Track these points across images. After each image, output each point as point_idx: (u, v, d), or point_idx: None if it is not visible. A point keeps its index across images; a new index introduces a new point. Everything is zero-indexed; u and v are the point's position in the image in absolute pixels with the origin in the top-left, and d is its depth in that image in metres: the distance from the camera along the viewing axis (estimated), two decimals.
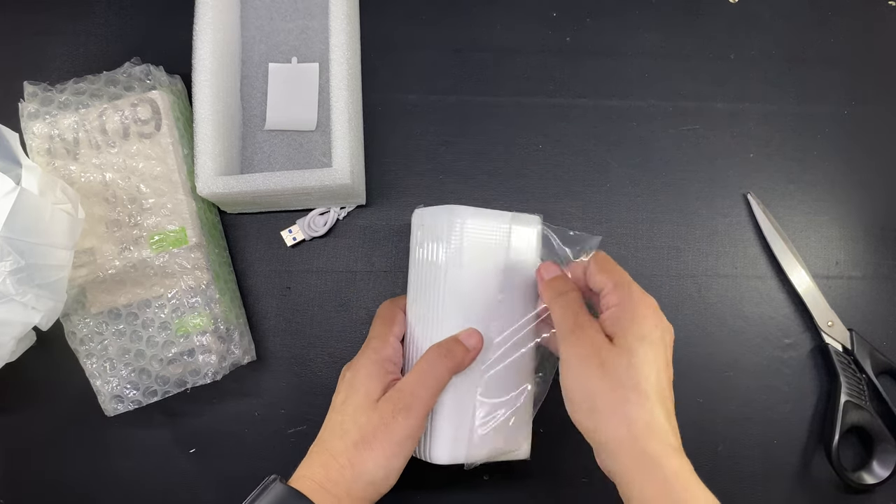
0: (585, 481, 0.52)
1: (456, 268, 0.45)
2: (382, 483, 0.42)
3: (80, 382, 0.51)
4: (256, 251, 0.56)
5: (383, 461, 0.41)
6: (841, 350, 0.53)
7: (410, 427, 0.42)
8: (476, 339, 0.44)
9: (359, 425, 0.42)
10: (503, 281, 0.46)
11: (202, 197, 0.52)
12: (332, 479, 0.41)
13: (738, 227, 0.56)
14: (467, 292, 0.45)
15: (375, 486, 0.42)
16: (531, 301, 0.47)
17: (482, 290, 0.46)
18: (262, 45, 0.58)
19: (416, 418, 0.42)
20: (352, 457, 0.41)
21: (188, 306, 0.50)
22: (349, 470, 0.41)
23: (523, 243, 0.47)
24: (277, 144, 0.56)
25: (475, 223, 0.46)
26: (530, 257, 0.47)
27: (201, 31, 0.52)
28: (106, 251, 0.51)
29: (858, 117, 0.57)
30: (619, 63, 0.58)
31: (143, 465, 0.54)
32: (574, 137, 0.57)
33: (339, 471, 0.41)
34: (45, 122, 0.51)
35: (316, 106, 0.56)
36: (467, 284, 0.45)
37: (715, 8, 0.59)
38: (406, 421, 0.42)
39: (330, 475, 0.41)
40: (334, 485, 0.41)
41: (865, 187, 0.56)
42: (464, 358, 0.44)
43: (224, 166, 0.52)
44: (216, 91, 0.52)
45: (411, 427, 0.42)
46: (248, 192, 0.50)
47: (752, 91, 0.58)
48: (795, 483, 0.52)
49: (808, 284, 0.54)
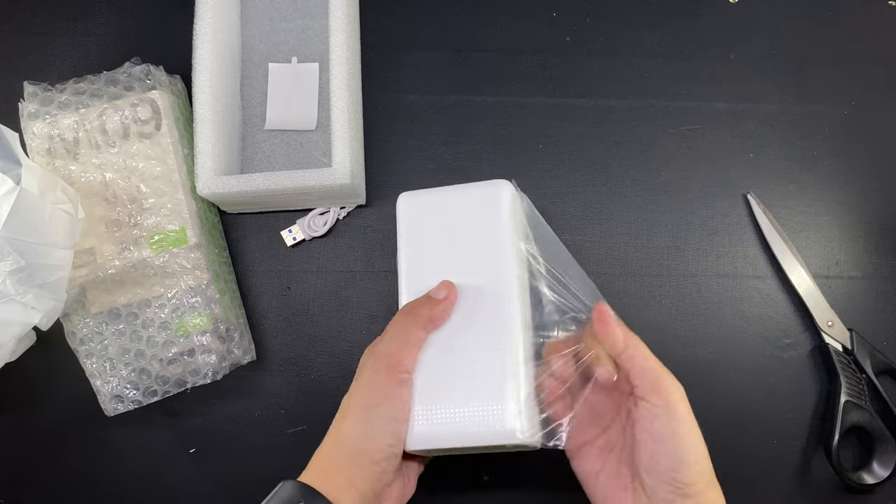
0: None
1: (409, 246, 0.47)
2: (369, 447, 0.40)
3: (80, 382, 0.51)
4: (256, 251, 0.56)
5: (360, 427, 0.41)
6: (841, 350, 0.53)
7: (374, 382, 0.42)
8: (448, 290, 0.44)
9: (342, 404, 0.43)
10: (470, 252, 0.46)
11: (202, 197, 0.52)
12: (321, 455, 0.41)
13: (738, 227, 0.56)
14: (428, 269, 0.46)
15: (364, 453, 0.40)
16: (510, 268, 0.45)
17: (444, 265, 0.46)
18: (262, 44, 0.58)
19: (380, 375, 0.42)
20: (333, 429, 0.42)
21: (188, 306, 0.50)
22: (330, 440, 0.41)
23: (490, 210, 0.46)
24: (277, 144, 0.56)
25: (425, 200, 0.47)
26: (504, 222, 0.46)
27: (201, 31, 0.52)
28: (106, 251, 0.51)
29: (858, 117, 0.57)
30: (619, 63, 0.58)
31: (142, 465, 0.54)
32: (574, 137, 0.57)
33: (326, 447, 0.41)
34: (45, 121, 0.51)
35: (316, 106, 0.56)
36: (426, 261, 0.46)
37: (715, 8, 0.59)
38: (364, 379, 0.42)
39: (320, 453, 0.41)
40: (324, 461, 0.41)
41: (866, 187, 0.56)
42: (432, 312, 0.43)
43: (224, 166, 0.52)
44: (216, 91, 0.52)
45: (375, 382, 0.42)
46: (247, 191, 0.50)
47: (752, 91, 0.57)
48: (795, 483, 0.52)
49: (808, 284, 0.54)
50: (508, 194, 0.47)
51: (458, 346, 0.44)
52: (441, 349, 0.44)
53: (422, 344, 0.43)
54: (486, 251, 0.45)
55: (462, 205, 0.47)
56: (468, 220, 0.46)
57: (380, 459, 0.40)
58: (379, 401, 0.41)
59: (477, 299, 0.44)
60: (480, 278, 0.45)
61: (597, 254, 0.55)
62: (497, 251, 0.45)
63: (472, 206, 0.47)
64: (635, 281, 0.55)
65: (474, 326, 0.44)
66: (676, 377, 0.41)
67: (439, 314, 0.44)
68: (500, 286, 0.44)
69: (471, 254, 0.46)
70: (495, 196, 0.46)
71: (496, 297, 0.44)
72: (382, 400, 0.41)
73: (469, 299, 0.45)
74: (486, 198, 0.47)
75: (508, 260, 0.45)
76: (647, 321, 0.54)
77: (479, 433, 0.42)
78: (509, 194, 0.47)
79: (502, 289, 0.44)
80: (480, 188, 0.47)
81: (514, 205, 0.47)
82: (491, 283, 0.45)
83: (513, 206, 0.47)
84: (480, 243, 0.46)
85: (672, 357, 0.42)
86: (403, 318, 0.44)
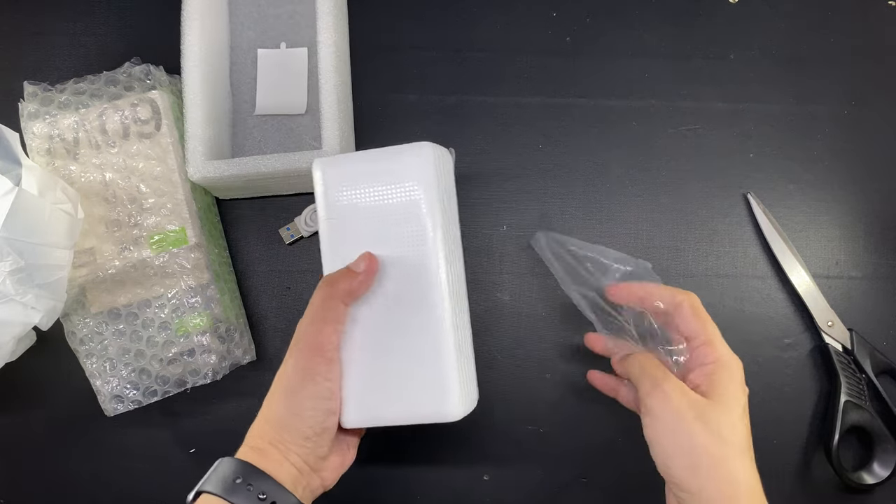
0: (584, 481, 0.52)
1: (330, 216, 0.44)
2: (297, 426, 0.40)
3: (80, 382, 0.51)
4: (256, 251, 0.56)
5: (285, 407, 0.41)
6: (841, 350, 0.52)
7: (297, 361, 0.41)
8: (367, 261, 0.42)
9: (274, 382, 0.42)
10: (395, 221, 0.43)
11: (194, 182, 0.52)
12: (254, 433, 0.41)
13: (738, 227, 0.56)
14: (350, 240, 0.44)
15: (293, 431, 0.40)
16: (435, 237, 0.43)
17: (368, 235, 0.43)
18: (250, 31, 0.58)
19: (302, 353, 0.41)
20: (264, 406, 0.42)
21: (188, 306, 0.50)
22: (261, 419, 0.41)
23: (413, 174, 0.43)
24: (268, 129, 0.57)
25: (345, 167, 0.44)
26: (429, 187, 0.43)
27: (190, 18, 0.53)
28: (106, 251, 0.51)
29: (858, 117, 0.57)
30: (619, 63, 0.58)
31: (142, 465, 0.54)
32: (574, 137, 0.57)
33: (258, 425, 0.41)
34: (45, 121, 0.51)
35: (305, 90, 0.57)
36: (347, 232, 0.44)
37: (715, 8, 0.59)
38: (290, 357, 0.41)
39: (253, 432, 0.41)
40: (256, 439, 0.41)
41: (865, 187, 0.56)
42: (351, 285, 0.42)
43: (215, 151, 0.53)
44: (205, 77, 0.53)
45: (298, 361, 0.41)
46: (239, 175, 0.51)
47: (752, 91, 0.57)
48: (795, 483, 0.52)
49: (808, 284, 0.54)
50: (432, 156, 0.43)
51: (391, 320, 0.43)
52: (374, 324, 0.43)
53: (344, 318, 0.42)
54: (411, 219, 0.43)
55: (384, 169, 0.44)
56: (391, 186, 0.43)
57: (310, 436, 0.40)
58: (303, 381, 0.41)
59: (406, 269, 0.43)
60: (407, 248, 0.43)
61: None
62: (422, 218, 0.43)
63: (395, 170, 0.43)
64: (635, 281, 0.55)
65: (404, 299, 0.43)
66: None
67: (358, 287, 0.42)
68: (426, 256, 0.43)
69: (396, 223, 0.43)
70: (418, 159, 0.43)
71: (423, 268, 0.43)
72: (307, 381, 0.41)
73: (397, 269, 0.43)
74: (409, 162, 0.43)
75: (435, 227, 0.43)
76: None
77: (417, 414, 0.42)
78: (432, 156, 0.43)
79: (429, 259, 0.43)
80: (403, 152, 0.44)
81: (440, 166, 0.44)
82: (417, 254, 0.43)
83: (437, 167, 0.44)
84: (405, 211, 0.43)
85: None
86: (322, 292, 0.42)
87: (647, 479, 0.41)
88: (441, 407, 0.42)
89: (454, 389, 0.42)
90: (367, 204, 0.44)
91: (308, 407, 0.41)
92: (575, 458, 0.52)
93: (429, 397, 0.42)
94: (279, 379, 0.41)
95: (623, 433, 0.52)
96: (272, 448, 0.40)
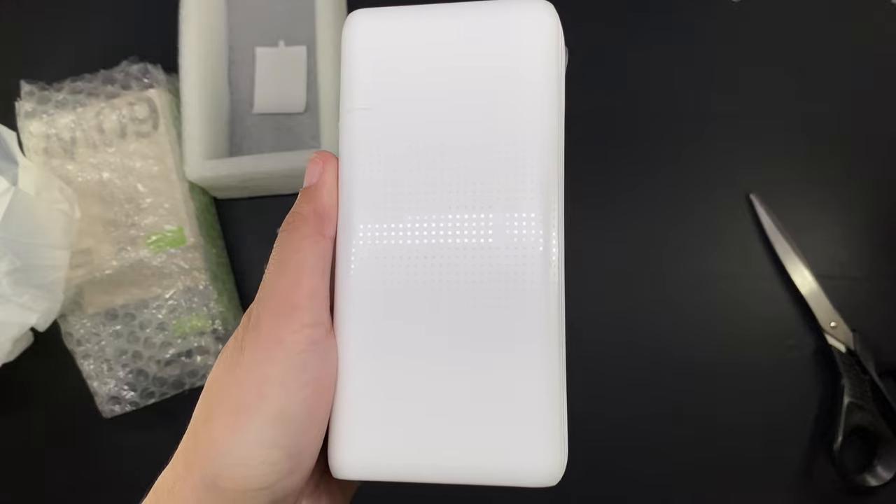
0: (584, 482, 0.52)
1: (366, 109, 0.26)
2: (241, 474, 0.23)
3: (77, 384, 0.51)
4: (255, 251, 0.56)
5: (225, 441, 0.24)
6: (844, 351, 0.52)
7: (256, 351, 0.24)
8: (320, 163, 0.26)
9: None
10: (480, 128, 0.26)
11: (192, 182, 0.52)
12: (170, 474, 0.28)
13: (740, 227, 0.55)
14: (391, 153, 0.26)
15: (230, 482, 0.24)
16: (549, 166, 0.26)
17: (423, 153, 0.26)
18: (248, 28, 0.58)
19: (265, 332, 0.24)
20: (190, 436, 0.27)
21: (186, 307, 0.50)
22: (180, 459, 0.28)
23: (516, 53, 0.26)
24: (266, 128, 0.56)
25: (398, 28, 0.26)
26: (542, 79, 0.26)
27: (188, 16, 0.53)
28: (103, 251, 0.50)
29: (858, 117, 0.57)
30: (620, 63, 0.58)
31: (140, 467, 0.53)
32: (574, 137, 0.56)
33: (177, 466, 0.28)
34: (41, 121, 0.51)
35: (304, 89, 0.57)
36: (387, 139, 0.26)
37: (715, 8, 0.59)
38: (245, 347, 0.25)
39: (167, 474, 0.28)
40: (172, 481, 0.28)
41: (869, 188, 0.56)
42: (318, 204, 0.26)
43: (213, 150, 0.53)
44: (203, 75, 0.52)
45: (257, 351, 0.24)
46: (237, 174, 0.50)
47: (753, 91, 0.57)
48: (797, 484, 0.52)
49: (811, 285, 0.53)
50: (553, 22, 0.26)
51: (443, 314, 0.25)
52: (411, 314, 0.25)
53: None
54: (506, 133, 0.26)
55: (471, 31, 0.26)
56: (477, 70, 0.26)
57: (260, 488, 0.23)
58: (265, 389, 0.23)
59: (485, 231, 0.25)
60: (494, 188, 0.25)
61: (597, 255, 0.55)
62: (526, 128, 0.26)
63: (491, 34, 0.26)
64: (635, 281, 0.54)
65: (474, 283, 0.25)
66: (678, 378, 0.40)
67: (328, 202, 0.26)
68: (529, 201, 0.25)
69: (483, 129, 0.26)
70: (535, 23, 0.26)
71: (521, 227, 0.25)
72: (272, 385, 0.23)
73: (469, 229, 0.25)
74: (519, 24, 0.26)
75: (548, 151, 0.26)
76: (648, 322, 0.54)
77: (480, 470, 0.26)
78: (555, 23, 0.26)
79: (533, 209, 0.25)
80: (506, 5, 0.26)
81: (560, 54, 0.27)
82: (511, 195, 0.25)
83: (559, 49, 0.26)
84: (500, 116, 0.26)
85: (674, 358, 0.42)
86: (286, 234, 0.26)
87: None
88: (533, 464, 0.25)
89: (555, 439, 0.25)
90: (433, 91, 0.26)
91: (268, 440, 0.23)
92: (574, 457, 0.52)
93: (509, 446, 0.25)
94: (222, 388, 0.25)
95: None
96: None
